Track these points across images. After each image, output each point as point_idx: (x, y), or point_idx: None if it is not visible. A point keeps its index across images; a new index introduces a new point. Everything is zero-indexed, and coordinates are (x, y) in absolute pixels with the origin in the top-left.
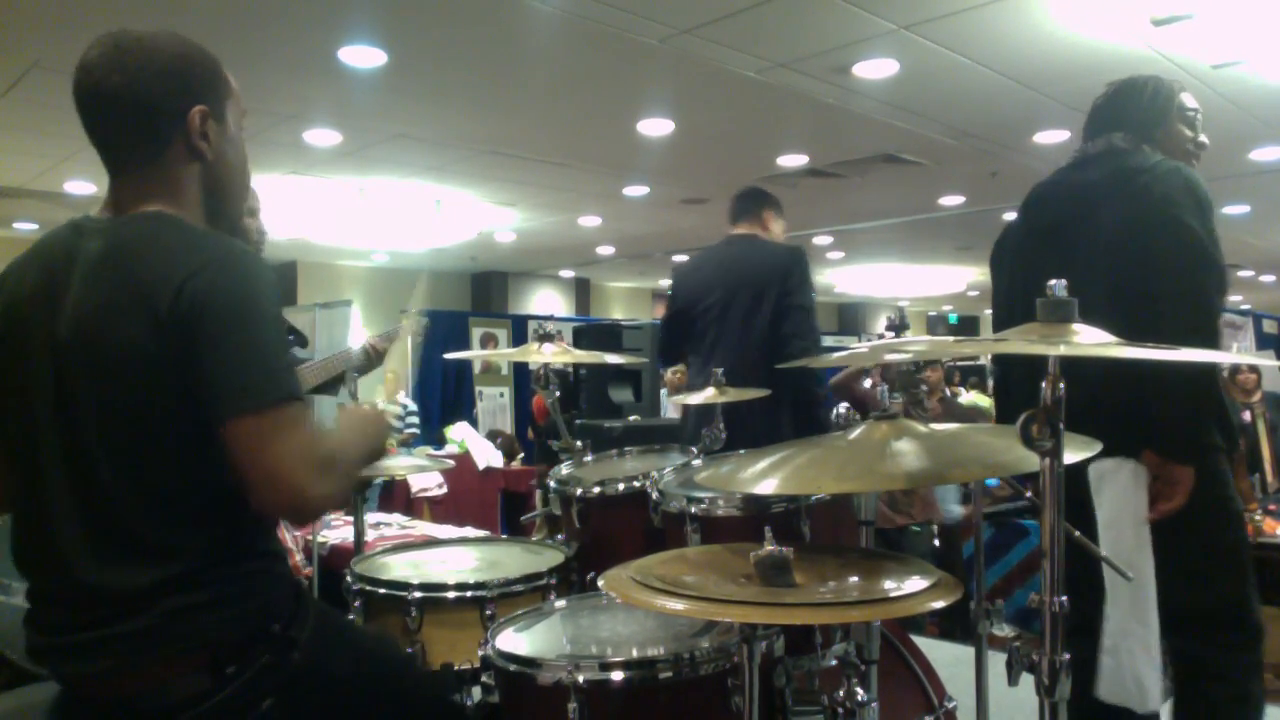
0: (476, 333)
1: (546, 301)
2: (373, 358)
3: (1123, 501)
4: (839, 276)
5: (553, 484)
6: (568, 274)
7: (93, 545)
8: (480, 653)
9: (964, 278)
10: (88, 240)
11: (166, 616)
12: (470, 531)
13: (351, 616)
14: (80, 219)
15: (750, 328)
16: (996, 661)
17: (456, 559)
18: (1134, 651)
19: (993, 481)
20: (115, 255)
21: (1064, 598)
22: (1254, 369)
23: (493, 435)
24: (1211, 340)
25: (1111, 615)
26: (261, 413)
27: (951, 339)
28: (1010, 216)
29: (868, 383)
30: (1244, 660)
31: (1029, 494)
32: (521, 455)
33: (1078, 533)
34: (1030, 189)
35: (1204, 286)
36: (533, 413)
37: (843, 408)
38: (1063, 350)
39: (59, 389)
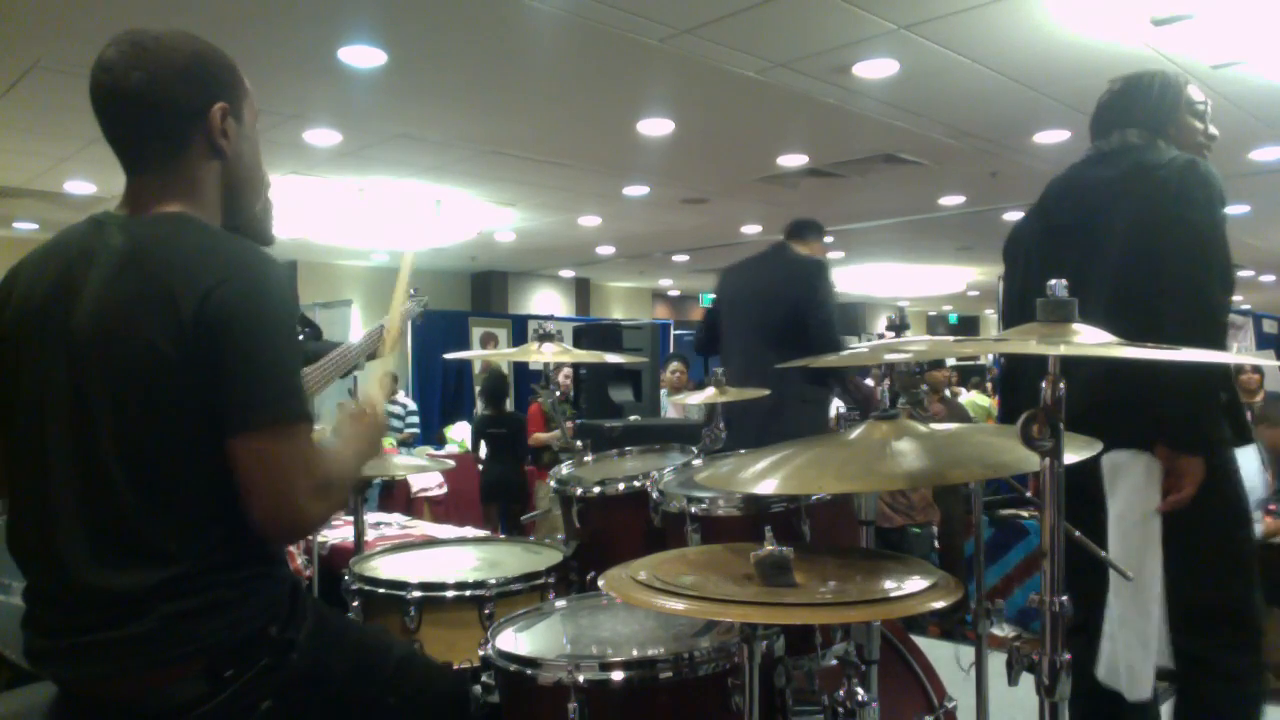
0: (476, 333)
1: (546, 301)
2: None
3: (1135, 494)
4: (839, 276)
5: (553, 484)
6: (568, 274)
7: (93, 546)
8: (481, 652)
9: (964, 278)
10: (108, 237)
11: (164, 621)
12: (470, 531)
13: (350, 616)
14: (101, 215)
15: (763, 329)
16: (996, 661)
17: (456, 559)
18: (1130, 642)
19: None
20: (138, 255)
21: (1064, 598)
22: (1257, 369)
23: None
24: (1215, 339)
25: (1114, 603)
26: (267, 431)
27: (951, 339)
28: (1010, 217)
29: (869, 381)
30: (1245, 660)
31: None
32: None
33: (1078, 532)
34: (1046, 185)
35: (1205, 286)
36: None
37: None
38: (1062, 350)
39: (73, 385)
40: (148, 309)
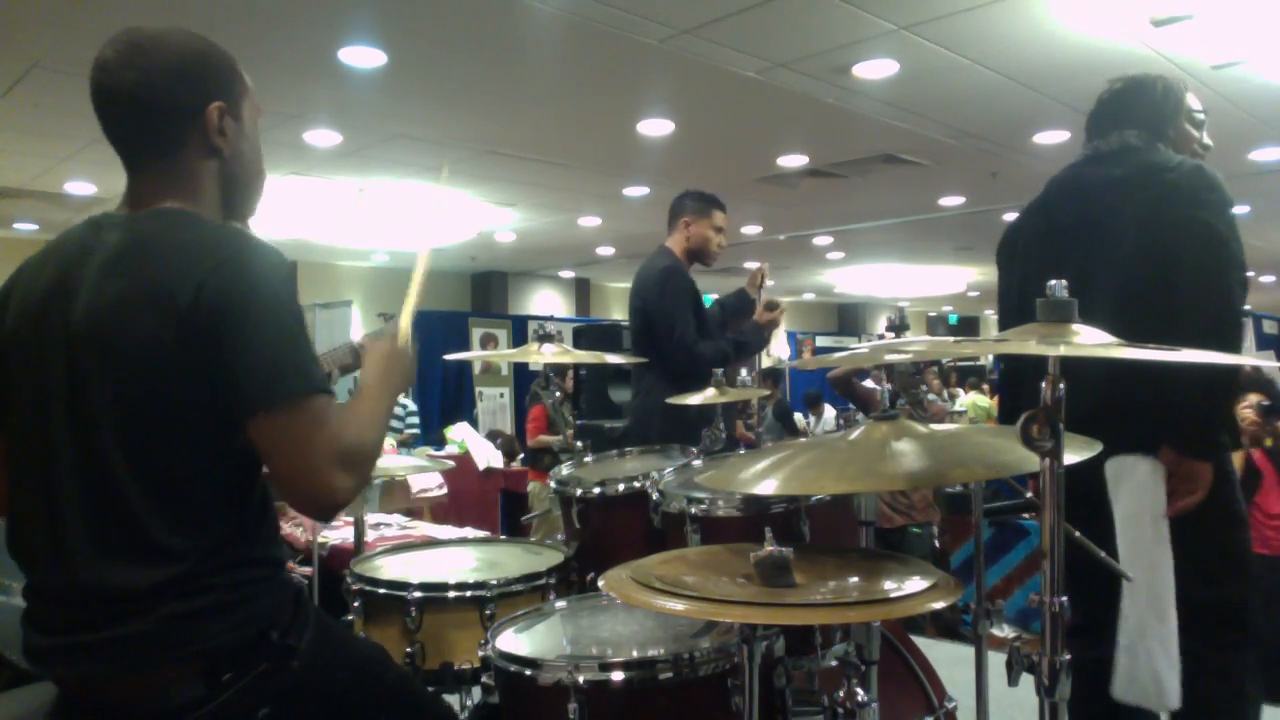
0: (476, 333)
1: (546, 302)
2: (361, 357)
3: (1141, 498)
4: (839, 276)
5: (553, 484)
6: (568, 274)
7: (98, 542)
8: (481, 653)
9: (964, 278)
10: (105, 235)
11: (165, 622)
12: (470, 532)
13: (351, 617)
14: (98, 216)
15: (636, 338)
16: (996, 661)
17: (456, 559)
18: (1152, 649)
19: None
20: (133, 250)
21: (1064, 598)
22: (1256, 370)
23: (493, 436)
24: (1233, 340)
25: (1129, 613)
26: (288, 407)
27: (951, 339)
28: (1010, 217)
29: (869, 382)
30: (1241, 659)
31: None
32: (522, 456)
33: (1078, 533)
34: (1045, 185)
35: (1227, 286)
36: (527, 428)
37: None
38: (1062, 351)
39: (72, 383)
40: (144, 303)
